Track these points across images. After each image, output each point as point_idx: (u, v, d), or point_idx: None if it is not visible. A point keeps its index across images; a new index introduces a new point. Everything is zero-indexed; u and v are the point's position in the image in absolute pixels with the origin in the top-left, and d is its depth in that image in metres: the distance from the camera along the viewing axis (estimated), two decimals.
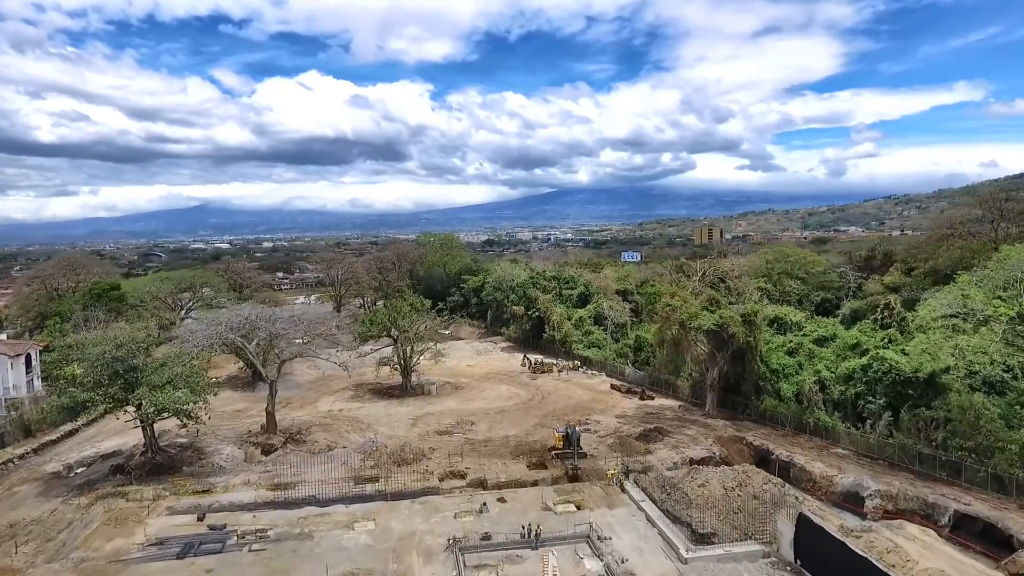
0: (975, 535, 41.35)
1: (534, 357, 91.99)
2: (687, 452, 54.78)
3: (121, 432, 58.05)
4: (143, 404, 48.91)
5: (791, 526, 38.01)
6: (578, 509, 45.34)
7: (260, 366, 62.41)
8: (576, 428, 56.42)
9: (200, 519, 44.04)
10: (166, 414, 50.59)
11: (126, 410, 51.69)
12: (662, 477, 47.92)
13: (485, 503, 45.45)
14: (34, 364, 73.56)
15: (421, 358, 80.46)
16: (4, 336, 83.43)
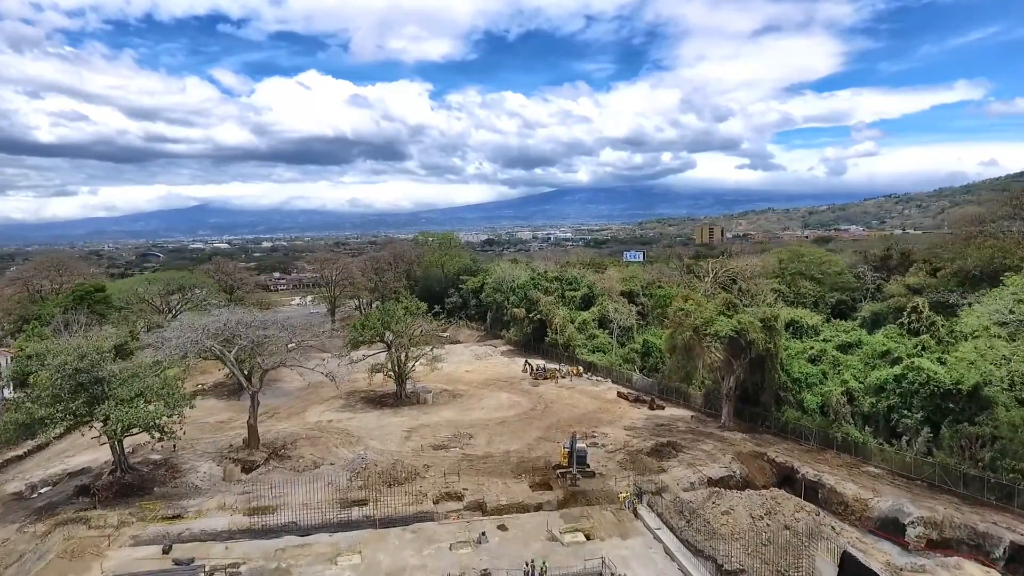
0: None
1: (536, 362, 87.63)
2: (704, 471, 50.27)
3: (95, 446, 52.96)
4: (109, 420, 44.47)
5: (832, 565, 33.52)
6: (587, 539, 40.89)
7: (241, 376, 57.63)
8: (582, 442, 51.99)
9: (166, 551, 39.65)
10: (135, 430, 46.23)
11: (92, 426, 47.19)
12: (679, 501, 43.37)
13: (484, 532, 40.96)
14: (4, 372, 68.95)
15: (417, 364, 75.79)
16: None
